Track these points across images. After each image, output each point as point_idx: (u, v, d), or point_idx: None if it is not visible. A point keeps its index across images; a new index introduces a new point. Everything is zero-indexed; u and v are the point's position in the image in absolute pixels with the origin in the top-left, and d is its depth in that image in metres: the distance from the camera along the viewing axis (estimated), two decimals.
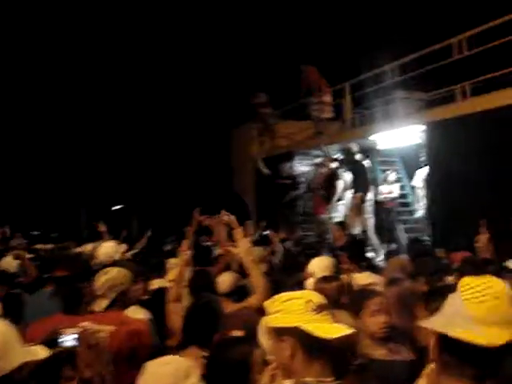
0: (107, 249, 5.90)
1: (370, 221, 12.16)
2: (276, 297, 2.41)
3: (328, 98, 13.39)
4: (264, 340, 2.61)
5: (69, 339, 2.48)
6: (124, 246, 6.67)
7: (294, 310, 2.30)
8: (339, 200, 12.74)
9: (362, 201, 11.80)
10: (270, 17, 20.02)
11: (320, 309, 2.29)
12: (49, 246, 11.26)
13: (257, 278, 4.41)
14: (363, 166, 12.16)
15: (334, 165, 12.85)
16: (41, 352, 2.24)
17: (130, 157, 22.77)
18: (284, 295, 2.38)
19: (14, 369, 2.07)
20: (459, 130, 9.08)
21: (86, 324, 2.54)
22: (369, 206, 12.03)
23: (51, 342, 2.52)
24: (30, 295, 5.48)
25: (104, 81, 22.06)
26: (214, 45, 21.16)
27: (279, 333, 2.30)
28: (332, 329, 2.25)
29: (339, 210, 12.73)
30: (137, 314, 4.34)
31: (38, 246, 10.21)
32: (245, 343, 2.87)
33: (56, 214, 20.57)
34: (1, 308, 5.05)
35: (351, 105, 13.06)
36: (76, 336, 2.48)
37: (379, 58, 12.41)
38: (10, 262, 6.59)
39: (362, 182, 11.97)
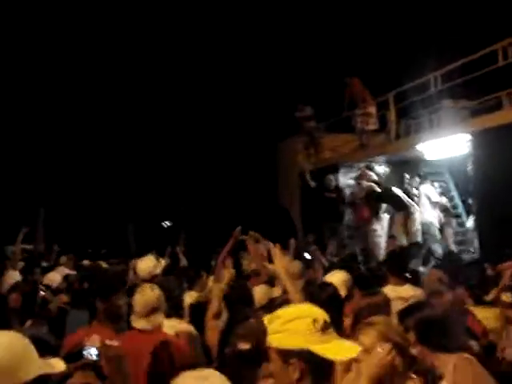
0: (147, 264, 5.91)
1: (448, 231, 12.02)
2: (278, 314, 2.30)
3: (372, 110, 13.26)
4: None
5: (91, 352, 2.51)
6: (164, 262, 6.69)
7: (301, 330, 2.18)
8: (383, 212, 12.55)
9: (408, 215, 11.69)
10: (314, 31, 20.04)
11: (326, 327, 2.19)
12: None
13: (293, 295, 4.36)
14: (388, 189, 12.10)
15: (374, 177, 12.70)
16: (58, 365, 2.26)
17: (178, 172, 23.02)
18: (287, 313, 2.28)
19: (30, 380, 2.10)
20: (506, 138, 8.82)
21: (95, 337, 2.56)
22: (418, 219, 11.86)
23: (75, 354, 2.54)
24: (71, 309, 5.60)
25: (154, 99, 22.46)
26: (260, 60, 21.28)
27: (285, 355, 2.19)
28: (341, 349, 2.16)
29: (383, 223, 12.52)
30: (182, 331, 4.34)
31: (85, 263, 10.40)
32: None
33: (104, 230, 20.88)
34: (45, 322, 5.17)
35: (396, 115, 12.88)
36: (96, 350, 2.50)
37: (423, 67, 12.24)
38: (53, 278, 6.71)
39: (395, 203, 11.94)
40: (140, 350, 3.25)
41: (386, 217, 12.65)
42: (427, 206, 11.69)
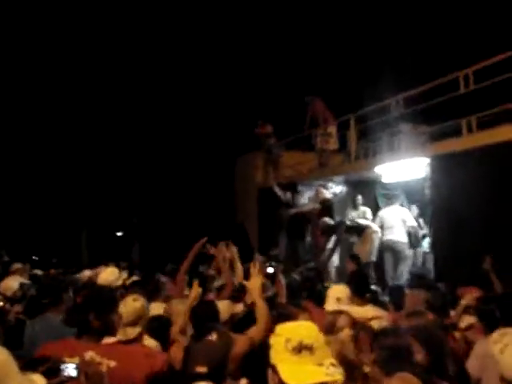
0: (109, 275, 5.81)
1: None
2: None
3: (333, 130, 13.43)
4: None
5: (69, 368, 2.43)
6: (125, 274, 6.57)
7: (275, 347, 2.26)
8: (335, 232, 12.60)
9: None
10: (275, 48, 20.22)
11: (300, 348, 2.19)
12: (51, 272, 11.18)
13: (262, 312, 4.39)
14: (342, 223, 12.20)
15: (329, 197, 12.79)
16: (39, 381, 2.19)
17: (133, 183, 22.79)
18: (276, 328, 2.34)
19: None
20: (464, 163, 9.03)
21: (91, 354, 2.50)
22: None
23: (52, 370, 2.46)
24: (29, 320, 5.42)
25: (112, 106, 22.25)
26: (220, 74, 21.34)
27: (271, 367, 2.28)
28: (304, 374, 2.14)
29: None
30: (150, 343, 4.27)
31: (38, 272, 10.12)
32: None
33: (56, 239, 20.47)
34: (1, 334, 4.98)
35: (356, 137, 13.04)
36: (75, 366, 2.43)
37: (385, 91, 12.45)
38: (10, 285, 6.46)
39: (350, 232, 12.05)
40: (125, 361, 3.23)
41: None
42: (397, 226, 11.63)
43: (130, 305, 3.96)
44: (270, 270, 7.86)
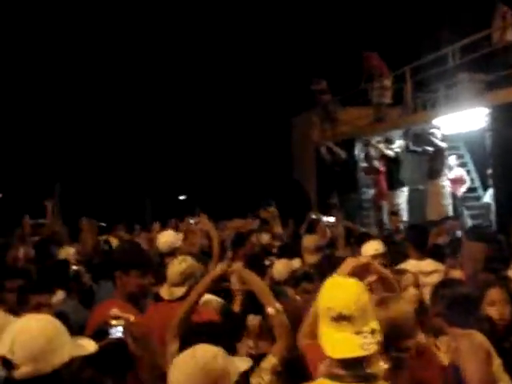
0: (167, 237, 5.95)
1: None
2: None
3: (388, 83, 13.17)
4: None
5: (116, 330, 2.54)
6: (181, 235, 6.72)
7: (319, 309, 2.22)
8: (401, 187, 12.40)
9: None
10: (330, 3, 19.83)
11: (340, 319, 2.11)
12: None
13: None
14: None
15: (392, 152, 12.56)
16: (89, 346, 2.27)
17: (194, 147, 23.08)
18: (325, 284, 2.28)
19: (65, 363, 2.13)
20: None
21: (115, 311, 2.58)
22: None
23: (100, 333, 2.57)
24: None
25: (168, 78, 22.54)
26: (276, 33, 21.15)
27: None
28: (343, 346, 2.09)
29: (401, 197, 12.38)
30: (211, 301, 4.31)
31: (106, 237, 10.41)
32: None
33: (120, 206, 20.99)
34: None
35: (412, 89, 12.75)
36: (122, 328, 2.52)
37: (440, 40, 12.10)
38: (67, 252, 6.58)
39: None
40: (168, 319, 3.35)
41: (405, 190, 12.47)
42: None
43: (176, 266, 4.08)
44: (331, 218, 7.87)
